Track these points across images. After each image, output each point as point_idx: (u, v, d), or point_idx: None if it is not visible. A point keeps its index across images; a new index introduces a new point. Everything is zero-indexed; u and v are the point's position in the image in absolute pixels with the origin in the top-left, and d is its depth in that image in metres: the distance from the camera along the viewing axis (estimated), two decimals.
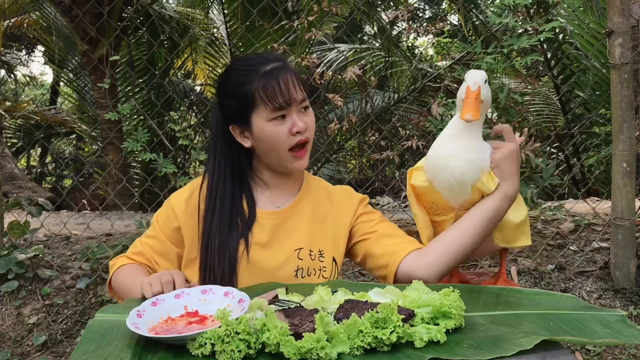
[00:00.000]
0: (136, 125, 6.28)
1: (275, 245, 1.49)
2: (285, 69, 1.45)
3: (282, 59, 1.50)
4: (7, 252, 3.01)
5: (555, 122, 6.00)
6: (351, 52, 6.60)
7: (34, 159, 11.53)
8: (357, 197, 1.60)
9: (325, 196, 1.58)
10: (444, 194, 1.37)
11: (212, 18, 7.36)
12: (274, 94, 1.41)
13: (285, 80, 1.42)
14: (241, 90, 1.44)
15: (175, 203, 1.52)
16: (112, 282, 1.50)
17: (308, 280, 1.48)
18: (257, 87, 1.42)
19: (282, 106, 1.42)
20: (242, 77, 1.45)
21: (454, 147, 1.33)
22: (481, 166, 1.33)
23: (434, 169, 1.36)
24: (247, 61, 1.48)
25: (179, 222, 1.50)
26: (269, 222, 1.50)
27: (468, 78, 1.31)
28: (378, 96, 6.73)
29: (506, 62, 2.73)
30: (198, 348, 1.01)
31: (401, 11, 3.68)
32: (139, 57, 6.82)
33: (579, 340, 1.06)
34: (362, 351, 1.01)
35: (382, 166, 3.97)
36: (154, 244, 1.51)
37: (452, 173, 1.32)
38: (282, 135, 1.44)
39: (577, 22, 5.10)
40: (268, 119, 1.43)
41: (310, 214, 1.53)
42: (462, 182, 1.33)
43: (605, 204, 3.44)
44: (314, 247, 1.50)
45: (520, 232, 1.43)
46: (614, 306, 2.74)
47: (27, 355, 2.82)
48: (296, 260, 1.48)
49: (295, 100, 1.43)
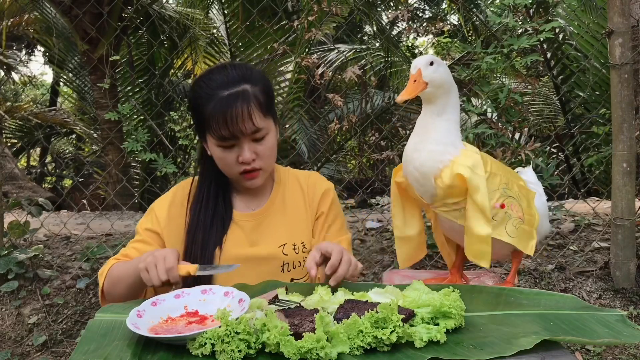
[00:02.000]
0: (136, 125, 6.29)
1: (258, 244, 1.52)
2: (244, 97, 1.41)
3: (251, 79, 1.45)
4: (7, 252, 3.01)
5: (555, 122, 5.99)
6: (351, 52, 6.60)
7: (34, 159, 11.53)
8: (320, 188, 1.61)
9: (297, 185, 1.61)
10: (415, 189, 1.40)
11: (212, 18, 7.36)
12: (219, 126, 1.40)
13: (235, 112, 1.39)
14: (198, 110, 1.45)
15: (159, 210, 1.56)
16: (105, 288, 1.47)
17: (294, 273, 1.52)
18: (208, 113, 1.41)
19: (226, 138, 1.42)
20: (201, 98, 1.44)
21: (416, 142, 1.38)
22: (441, 159, 1.34)
23: (404, 164, 1.41)
24: (210, 80, 1.45)
25: (160, 228, 1.53)
26: (248, 225, 1.54)
27: (412, 63, 1.37)
28: (378, 96, 6.72)
29: (506, 62, 2.73)
30: (198, 348, 1.01)
31: (401, 11, 3.68)
32: (139, 57, 6.82)
33: (579, 340, 1.06)
34: (362, 351, 1.01)
35: (382, 166, 3.97)
36: (140, 247, 1.52)
37: (414, 165, 1.37)
38: (229, 162, 1.47)
39: (577, 23, 5.10)
40: (216, 145, 1.45)
41: (287, 209, 1.57)
42: (424, 174, 1.35)
43: (605, 204, 3.44)
44: (296, 240, 1.54)
45: (481, 249, 1.35)
46: (614, 306, 2.74)
47: (27, 355, 2.81)
48: (282, 256, 1.51)
49: (243, 133, 1.41)
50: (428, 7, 9.65)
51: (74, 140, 10.16)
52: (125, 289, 1.42)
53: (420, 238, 1.52)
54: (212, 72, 1.48)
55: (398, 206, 1.50)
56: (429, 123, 1.37)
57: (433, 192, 1.36)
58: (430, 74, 1.34)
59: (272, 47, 5.64)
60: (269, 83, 1.52)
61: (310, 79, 3.65)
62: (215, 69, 1.50)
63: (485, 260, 1.35)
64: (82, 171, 8.21)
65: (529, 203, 1.44)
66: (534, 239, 1.43)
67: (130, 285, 1.41)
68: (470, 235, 1.36)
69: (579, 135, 4.90)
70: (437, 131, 1.36)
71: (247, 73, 1.46)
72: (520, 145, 2.75)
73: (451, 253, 1.56)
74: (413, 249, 1.52)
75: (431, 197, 1.38)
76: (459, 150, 1.37)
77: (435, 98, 1.36)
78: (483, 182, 1.33)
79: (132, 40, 6.72)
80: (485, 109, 2.93)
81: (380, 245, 3.35)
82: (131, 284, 1.41)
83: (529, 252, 1.42)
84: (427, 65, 1.34)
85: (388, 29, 7.50)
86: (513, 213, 1.37)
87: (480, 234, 1.34)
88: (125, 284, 1.42)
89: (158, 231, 1.53)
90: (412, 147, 1.39)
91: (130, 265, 1.42)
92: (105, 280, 1.46)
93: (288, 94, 6.58)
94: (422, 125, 1.39)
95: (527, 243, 1.41)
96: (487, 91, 2.89)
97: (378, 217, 3.71)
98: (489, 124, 2.82)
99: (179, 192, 1.58)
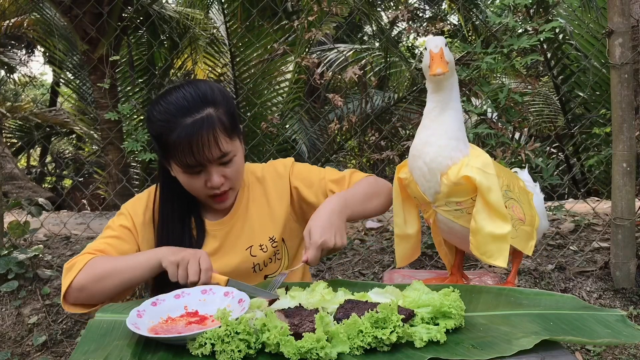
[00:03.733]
0: (136, 125, 6.28)
1: (225, 250, 1.50)
2: (208, 124, 1.34)
3: (213, 100, 1.38)
4: (7, 252, 3.01)
5: (555, 122, 5.99)
6: (351, 52, 6.60)
7: (34, 159, 11.53)
8: (283, 168, 1.59)
9: (256, 182, 1.58)
10: (419, 185, 1.37)
11: (212, 18, 7.35)
12: (184, 155, 1.35)
13: (201, 140, 1.33)
14: (160, 138, 1.37)
15: (133, 212, 1.51)
16: (80, 283, 1.35)
17: (266, 270, 1.53)
18: (171, 142, 1.35)
19: (193, 166, 1.38)
20: (161, 126, 1.36)
21: (427, 135, 1.34)
22: (451, 155, 1.32)
23: (411, 159, 1.38)
24: (170, 104, 1.37)
25: (136, 230, 1.49)
26: (220, 232, 1.52)
27: (429, 43, 1.33)
28: (378, 96, 6.73)
29: (506, 62, 2.73)
30: (198, 348, 1.01)
31: (401, 11, 3.68)
32: (139, 57, 6.81)
33: (579, 340, 1.06)
34: (362, 351, 1.01)
35: (382, 166, 3.96)
36: (115, 243, 1.46)
37: (424, 160, 1.33)
38: (197, 187, 1.43)
39: (577, 22, 5.10)
40: (182, 172, 1.41)
41: (250, 210, 1.55)
42: (432, 169, 1.33)
43: (605, 204, 3.44)
44: (262, 239, 1.52)
45: (498, 248, 1.33)
46: (614, 306, 2.74)
47: (27, 355, 2.81)
48: (249, 258, 1.50)
49: (210, 160, 1.37)
50: (428, 7, 9.65)
51: (74, 140, 10.16)
52: (117, 285, 1.35)
53: (417, 237, 1.52)
54: (171, 94, 1.39)
55: (399, 204, 1.49)
56: (439, 114, 1.34)
57: (437, 189, 1.34)
58: (449, 55, 1.32)
59: (272, 47, 5.64)
60: (231, 101, 1.45)
61: (310, 79, 3.65)
62: (173, 90, 1.41)
63: (503, 258, 1.32)
64: (82, 171, 8.21)
65: (529, 204, 1.44)
66: (533, 240, 1.42)
67: (126, 281, 1.36)
68: (483, 235, 1.32)
69: (579, 135, 4.89)
70: (448, 123, 1.33)
71: (209, 94, 1.39)
72: (520, 145, 2.75)
73: (448, 254, 1.55)
74: (411, 248, 1.52)
75: (434, 194, 1.36)
76: (469, 149, 1.35)
77: (445, 84, 1.33)
78: (495, 181, 1.31)
79: (132, 40, 6.71)
80: (485, 109, 2.93)
81: (380, 245, 3.35)
82: (127, 280, 1.35)
83: (528, 252, 1.41)
84: (444, 45, 1.31)
85: (388, 29, 7.49)
86: (514, 214, 1.37)
87: (497, 232, 1.31)
88: (119, 279, 1.35)
89: (133, 232, 1.49)
90: (423, 140, 1.35)
91: (130, 259, 1.37)
92: (83, 275, 1.35)
93: (288, 94, 6.58)
94: (432, 117, 1.35)
95: (527, 243, 1.41)
96: (487, 91, 2.88)
97: (378, 217, 3.72)
98: (489, 124, 2.82)
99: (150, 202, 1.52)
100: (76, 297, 1.37)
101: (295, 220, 1.59)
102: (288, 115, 6.54)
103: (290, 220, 1.58)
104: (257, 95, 6.30)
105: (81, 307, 1.40)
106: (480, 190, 1.30)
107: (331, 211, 1.38)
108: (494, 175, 1.31)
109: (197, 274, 1.29)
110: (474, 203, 1.34)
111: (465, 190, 1.33)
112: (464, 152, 1.34)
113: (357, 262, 3.18)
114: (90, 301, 1.39)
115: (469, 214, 1.35)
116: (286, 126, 6.39)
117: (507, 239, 1.32)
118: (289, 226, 1.57)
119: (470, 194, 1.33)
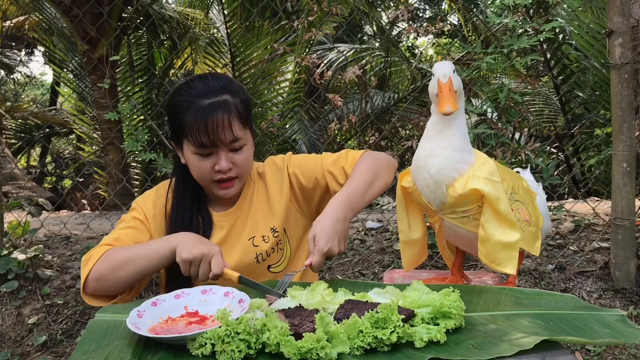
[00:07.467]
0: (136, 125, 6.29)
1: (231, 241, 1.55)
2: (225, 107, 1.43)
3: (231, 90, 1.48)
4: (7, 252, 3.01)
5: (555, 122, 5.99)
6: (351, 52, 6.60)
7: (34, 159, 11.53)
8: (282, 162, 1.64)
9: (258, 178, 1.64)
10: (424, 195, 1.36)
11: (212, 18, 7.36)
12: (199, 134, 1.42)
13: (216, 120, 1.42)
14: (177, 117, 1.47)
15: (144, 206, 1.57)
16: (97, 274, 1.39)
17: (269, 260, 1.56)
18: (188, 121, 1.43)
19: (205, 145, 1.44)
20: (180, 105, 1.46)
21: (432, 147, 1.32)
22: (457, 167, 1.30)
23: (415, 169, 1.36)
24: (191, 88, 1.47)
25: (148, 222, 1.55)
26: (226, 224, 1.57)
27: (437, 71, 1.30)
28: (378, 96, 6.73)
29: (506, 62, 2.73)
30: (198, 348, 1.01)
31: (401, 11, 3.68)
32: (139, 57, 6.82)
33: (579, 340, 1.06)
34: (362, 351, 1.01)
35: None
36: (131, 233, 1.52)
37: (429, 172, 1.32)
38: (204, 169, 1.48)
39: (577, 23, 5.10)
40: (193, 152, 1.47)
41: (254, 203, 1.60)
42: (438, 182, 1.31)
43: (605, 204, 3.44)
44: (265, 230, 1.57)
45: (507, 256, 1.33)
46: (614, 306, 2.74)
47: (27, 355, 2.81)
48: (252, 248, 1.55)
49: (222, 141, 1.44)
50: (428, 7, 9.66)
51: (74, 140, 10.17)
52: (133, 272, 1.39)
53: (423, 241, 1.51)
54: (194, 81, 1.50)
55: (403, 210, 1.48)
56: (445, 128, 1.31)
57: (443, 200, 1.33)
58: (457, 81, 1.30)
59: (272, 47, 5.64)
60: (248, 96, 1.55)
61: (310, 79, 3.65)
62: (197, 77, 1.52)
63: (512, 266, 1.32)
64: (82, 171, 8.21)
65: (533, 205, 1.44)
66: (539, 240, 1.42)
67: (142, 268, 1.39)
68: (492, 243, 1.32)
69: (579, 136, 4.90)
70: (454, 137, 1.31)
71: (228, 84, 1.49)
72: (520, 145, 2.75)
73: (452, 256, 1.55)
74: (417, 252, 1.52)
75: (440, 204, 1.35)
76: (474, 158, 1.33)
77: None
78: (502, 189, 1.30)
79: (132, 40, 6.71)
80: (485, 109, 2.93)
81: (380, 245, 3.35)
82: (144, 267, 1.39)
83: (535, 253, 1.41)
84: (452, 72, 1.29)
85: (388, 29, 7.49)
86: (521, 216, 1.37)
87: (506, 240, 1.31)
88: (135, 267, 1.39)
89: (146, 223, 1.55)
90: (427, 152, 1.32)
91: (146, 247, 1.42)
92: (100, 265, 1.39)
93: (288, 94, 6.58)
94: (438, 130, 1.32)
95: (534, 244, 1.41)
96: (487, 91, 2.88)
97: (378, 217, 3.72)
98: (489, 124, 2.82)
99: (161, 190, 1.60)
100: (94, 287, 1.41)
101: (298, 210, 1.63)
102: (288, 115, 6.54)
103: (293, 211, 1.62)
104: (257, 95, 6.31)
105: (101, 299, 1.43)
106: (489, 200, 1.29)
107: (336, 219, 1.41)
108: (500, 182, 1.31)
109: (206, 275, 1.33)
110: (480, 209, 1.33)
111: (471, 200, 1.32)
112: (470, 162, 1.32)
113: (357, 262, 3.18)
114: (108, 292, 1.42)
115: (476, 220, 1.34)
116: (286, 126, 6.40)
117: (516, 247, 1.32)
118: (292, 216, 1.61)
119: (476, 202, 1.33)
